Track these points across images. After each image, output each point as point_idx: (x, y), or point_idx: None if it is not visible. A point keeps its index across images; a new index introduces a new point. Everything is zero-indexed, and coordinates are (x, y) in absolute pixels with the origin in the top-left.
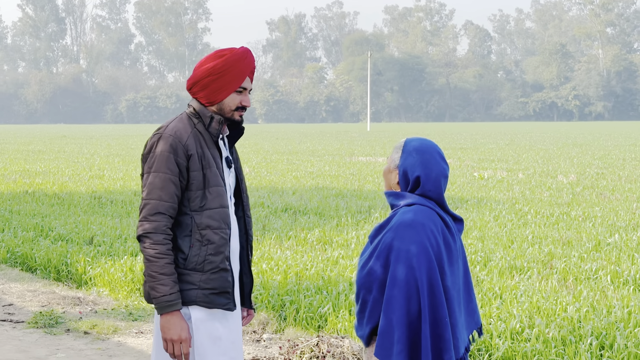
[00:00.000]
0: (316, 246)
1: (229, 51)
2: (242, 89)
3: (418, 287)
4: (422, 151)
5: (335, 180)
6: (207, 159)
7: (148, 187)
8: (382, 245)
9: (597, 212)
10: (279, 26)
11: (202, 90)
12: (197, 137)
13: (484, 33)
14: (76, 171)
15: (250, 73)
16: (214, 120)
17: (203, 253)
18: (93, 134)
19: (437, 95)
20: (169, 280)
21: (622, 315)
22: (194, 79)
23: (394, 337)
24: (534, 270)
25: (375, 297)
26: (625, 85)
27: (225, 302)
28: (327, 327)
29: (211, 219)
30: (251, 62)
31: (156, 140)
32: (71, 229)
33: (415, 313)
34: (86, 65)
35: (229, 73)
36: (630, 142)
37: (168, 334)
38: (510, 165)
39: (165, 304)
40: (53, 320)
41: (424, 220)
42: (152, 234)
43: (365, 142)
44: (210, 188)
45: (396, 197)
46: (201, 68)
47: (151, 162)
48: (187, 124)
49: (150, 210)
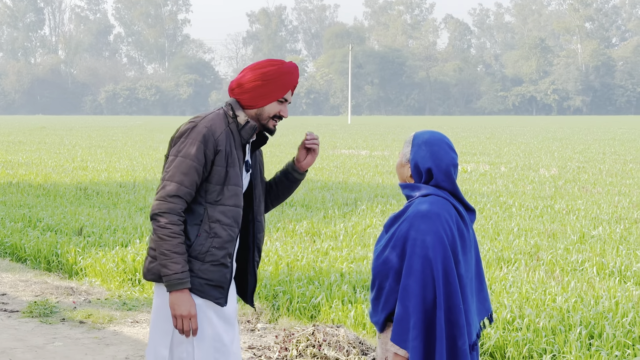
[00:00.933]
0: (305, 238)
1: (280, 62)
2: (284, 100)
3: (434, 275)
4: (430, 143)
5: (319, 172)
6: (233, 158)
7: (172, 170)
8: (398, 234)
9: (580, 205)
10: (259, 18)
11: (248, 92)
12: (229, 136)
13: (464, 27)
14: (59, 162)
15: (293, 87)
16: (247, 125)
17: (207, 244)
18: (73, 125)
19: (417, 88)
20: (180, 259)
21: (610, 306)
22: (242, 80)
23: (409, 324)
24: (521, 262)
25: (391, 285)
26: (603, 80)
27: (217, 295)
28: (320, 317)
29: (223, 215)
30: (296, 77)
31: (190, 128)
32: (59, 220)
33: (430, 300)
34: (65, 56)
35: (276, 82)
36: (609, 137)
37: (178, 310)
38: (492, 158)
39: (177, 281)
40: (48, 309)
41: (439, 211)
42: (168, 214)
43: (347, 135)
44: (229, 186)
45: (411, 188)
46: (252, 71)
47: (181, 146)
48: (222, 120)
49: (170, 192)
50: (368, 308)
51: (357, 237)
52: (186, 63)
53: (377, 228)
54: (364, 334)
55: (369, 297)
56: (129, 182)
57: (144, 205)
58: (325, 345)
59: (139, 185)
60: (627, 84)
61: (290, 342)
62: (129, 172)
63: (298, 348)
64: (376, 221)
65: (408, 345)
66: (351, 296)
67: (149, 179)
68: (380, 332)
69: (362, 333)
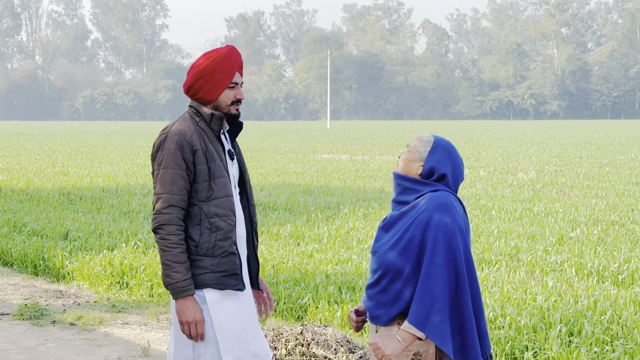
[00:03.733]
0: (289, 241)
1: (215, 52)
2: (234, 84)
3: (457, 261)
4: (450, 152)
5: (301, 177)
6: (210, 153)
7: (159, 183)
8: (411, 233)
9: (559, 208)
10: (237, 23)
11: (198, 92)
12: (200, 134)
13: (442, 32)
14: (40, 168)
15: (238, 68)
16: (214, 116)
17: (213, 239)
18: (51, 131)
19: (395, 93)
20: (182, 268)
21: (589, 304)
22: (188, 83)
23: (433, 307)
24: (502, 263)
25: (401, 287)
26: (579, 85)
27: (235, 282)
28: (308, 318)
29: (218, 208)
30: (238, 58)
31: (163, 139)
32: (44, 225)
33: (454, 285)
34: (42, 62)
35: (218, 72)
36: (585, 141)
37: (183, 316)
38: (471, 162)
39: (180, 289)
40: (38, 312)
41: (455, 204)
42: (166, 225)
43: (327, 140)
44: (216, 179)
45: (417, 183)
46: (192, 72)
47: (160, 159)
48: (190, 122)
49: (163, 203)
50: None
51: (341, 240)
52: (164, 68)
53: (360, 231)
54: (351, 333)
55: (370, 293)
56: (112, 187)
57: (127, 210)
58: (314, 344)
59: (121, 190)
60: (603, 88)
61: (279, 342)
62: (110, 177)
63: (287, 347)
64: (359, 224)
65: (427, 328)
66: (337, 297)
67: (131, 184)
68: (385, 325)
69: (349, 332)
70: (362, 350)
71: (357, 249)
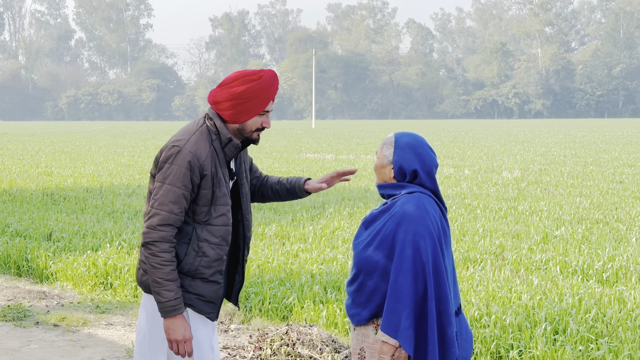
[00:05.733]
0: (274, 240)
1: (258, 76)
2: (265, 112)
3: (424, 268)
4: (414, 146)
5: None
6: (218, 178)
7: (161, 198)
8: (384, 233)
9: (543, 207)
10: (222, 23)
11: (227, 110)
12: (214, 157)
13: (426, 31)
14: (23, 168)
15: (273, 98)
16: (231, 143)
17: (196, 263)
18: (34, 131)
19: (380, 92)
20: (173, 286)
21: (573, 302)
22: (221, 97)
23: (401, 314)
24: (487, 262)
25: (376, 283)
26: (563, 84)
27: (208, 310)
28: (293, 317)
29: (211, 235)
30: (276, 86)
31: (175, 154)
32: (28, 225)
33: (421, 292)
34: (25, 61)
35: (256, 98)
36: (569, 140)
37: (173, 335)
38: (456, 161)
39: (170, 308)
40: (21, 313)
41: (427, 206)
42: (160, 242)
43: (312, 139)
44: (217, 206)
45: (394, 187)
46: (230, 90)
47: (167, 173)
48: (206, 140)
49: (161, 220)
50: (343, 303)
51: (326, 240)
52: (149, 68)
53: (345, 230)
54: (337, 332)
55: (348, 290)
56: (96, 187)
57: (112, 210)
58: (299, 344)
59: (106, 190)
60: (587, 87)
61: (265, 342)
62: (94, 177)
63: (272, 347)
64: (344, 224)
65: (399, 335)
66: (322, 296)
67: (115, 184)
68: (358, 325)
69: (334, 332)
70: (347, 350)
71: (342, 248)
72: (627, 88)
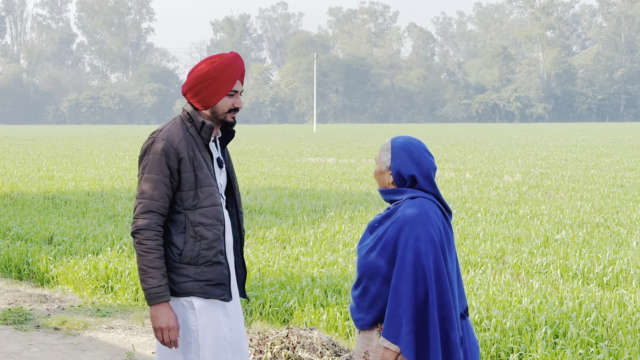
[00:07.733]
0: (275, 244)
1: (219, 57)
2: (234, 92)
3: (425, 274)
4: (410, 150)
5: (287, 180)
6: (198, 160)
7: (142, 187)
8: (386, 238)
9: (544, 211)
10: (223, 27)
11: (196, 95)
12: (189, 141)
13: (427, 35)
14: (25, 172)
15: (240, 76)
16: (205, 125)
17: (197, 248)
18: (36, 135)
19: (381, 96)
20: (157, 274)
21: (574, 306)
22: (188, 85)
23: (402, 320)
24: (487, 265)
25: (379, 288)
26: (564, 88)
27: (220, 293)
28: (293, 321)
29: (204, 217)
30: (240, 66)
31: (150, 144)
32: (29, 229)
33: (422, 298)
34: (27, 65)
35: (220, 78)
36: (570, 143)
37: (157, 322)
38: (457, 165)
39: (154, 295)
40: (22, 317)
41: (428, 212)
42: (144, 230)
43: (313, 143)
44: (202, 188)
45: (396, 193)
46: (193, 75)
47: (145, 163)
48: (180, 128)
49: (143, 208)
50: (346, 307)
51: (327, 243)
52: (150, 72)
53: (346, 234)
54: (337, 336)
55: (353, 294)
56: (97, 190)
57: (113, 214)
58: (300, 347)
59: (107, 194)
60: (588, 91)
61: (265, 345)
62: (96, 181)
63: (272, 350)
64: (345, 227)
65: (400, 341)
66: (323, 300)
67: (116, 188)
68: (362, 330)
69: (334, 335)
70: (347, 354)
71: (343, 252)
72: (628, 92)
